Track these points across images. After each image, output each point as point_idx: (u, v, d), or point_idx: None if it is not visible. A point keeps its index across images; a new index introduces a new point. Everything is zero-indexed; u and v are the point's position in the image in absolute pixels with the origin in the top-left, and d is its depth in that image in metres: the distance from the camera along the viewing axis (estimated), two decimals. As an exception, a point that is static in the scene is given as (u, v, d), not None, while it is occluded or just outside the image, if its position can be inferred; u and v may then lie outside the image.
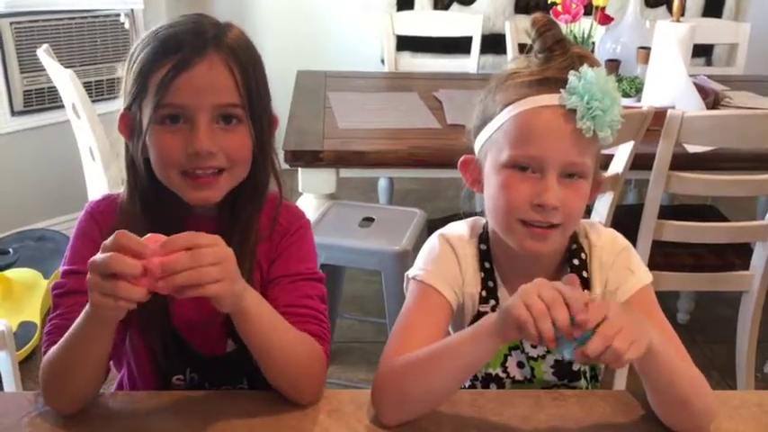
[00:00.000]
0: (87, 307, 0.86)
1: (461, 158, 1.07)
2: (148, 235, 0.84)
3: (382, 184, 3.12)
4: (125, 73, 1.01)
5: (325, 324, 1.04)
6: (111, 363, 1.09)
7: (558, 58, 0.97)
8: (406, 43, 3.32)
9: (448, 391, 0.97)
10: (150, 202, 1.02)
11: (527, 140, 0.96)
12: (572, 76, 0.94)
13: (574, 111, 0.93)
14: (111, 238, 0.82)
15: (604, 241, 1.08)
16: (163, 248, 0.82)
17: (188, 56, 0.95)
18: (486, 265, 1.07)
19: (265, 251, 1.07)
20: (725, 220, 2.31)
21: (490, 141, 1.01)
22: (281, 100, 2.01)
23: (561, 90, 0.94)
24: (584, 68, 0.93)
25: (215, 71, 0.96)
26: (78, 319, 0.89)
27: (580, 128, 0.93)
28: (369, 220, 2.02)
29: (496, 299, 1.06)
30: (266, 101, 1.03)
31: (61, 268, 1.02)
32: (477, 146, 1.05)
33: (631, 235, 1.11)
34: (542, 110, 0.95)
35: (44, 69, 2.38)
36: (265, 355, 0.96)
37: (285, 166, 1.86)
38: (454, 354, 0.92)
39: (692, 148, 1.97)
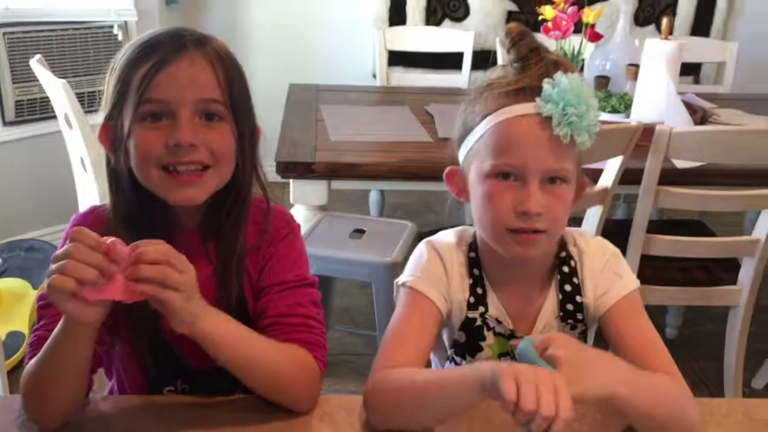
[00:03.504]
0: (63, 316, 0.86)
1: (447, 170, 1.08)
2: (112, 239, 0.84)
3: (373, 196, 3.13)
4: (106, 84, 1.00)
5: (318, 329, 1.04)
6: (103, 371, 1.09)
7: (533, 66, 0.98)
8: (398, 58, 3.34)
9: (435, 422, 0.96)
10: (133, 215, 1.00)
11: (507, 150, 0.97)
12: (546, 84, 0.95)
13: (550, 118, 0.95)
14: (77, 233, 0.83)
15: (593, 248, 1.09)
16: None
17: (169, 53, 0.96)
18: (476, 272, 1.07)
19: (253, 259, 1.06)
20: (712, 234, 2.33)
21: (472, 152, 1.02)
22: (273, 113, 2.03)
23: (537, 98, 0.95)
24: (558, 75, 0.95)
25: (197, 66, 0.96)
26: (55, 330, 0.88)
27: (557, 134, 0.94)
28: (360, 231, 2.04)
29: (485, 305, 1.07)
30: (249, 108, 1.03)
31: (45, 280, 1.02)
32: (460, 156, 1.06)
33: (620, 249, 1.13)
34: (519, 119, 0.97)
35: (36, 80, 2.38)
36: (238, 372, 0.95)
37: (277, 177, 1.87)
38: (442, 393, 0.90)
39: (680, 164, 1.99)
